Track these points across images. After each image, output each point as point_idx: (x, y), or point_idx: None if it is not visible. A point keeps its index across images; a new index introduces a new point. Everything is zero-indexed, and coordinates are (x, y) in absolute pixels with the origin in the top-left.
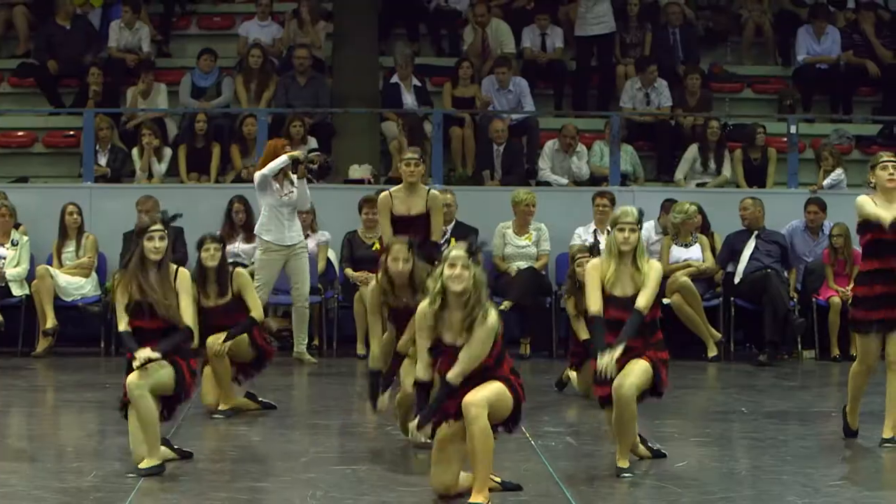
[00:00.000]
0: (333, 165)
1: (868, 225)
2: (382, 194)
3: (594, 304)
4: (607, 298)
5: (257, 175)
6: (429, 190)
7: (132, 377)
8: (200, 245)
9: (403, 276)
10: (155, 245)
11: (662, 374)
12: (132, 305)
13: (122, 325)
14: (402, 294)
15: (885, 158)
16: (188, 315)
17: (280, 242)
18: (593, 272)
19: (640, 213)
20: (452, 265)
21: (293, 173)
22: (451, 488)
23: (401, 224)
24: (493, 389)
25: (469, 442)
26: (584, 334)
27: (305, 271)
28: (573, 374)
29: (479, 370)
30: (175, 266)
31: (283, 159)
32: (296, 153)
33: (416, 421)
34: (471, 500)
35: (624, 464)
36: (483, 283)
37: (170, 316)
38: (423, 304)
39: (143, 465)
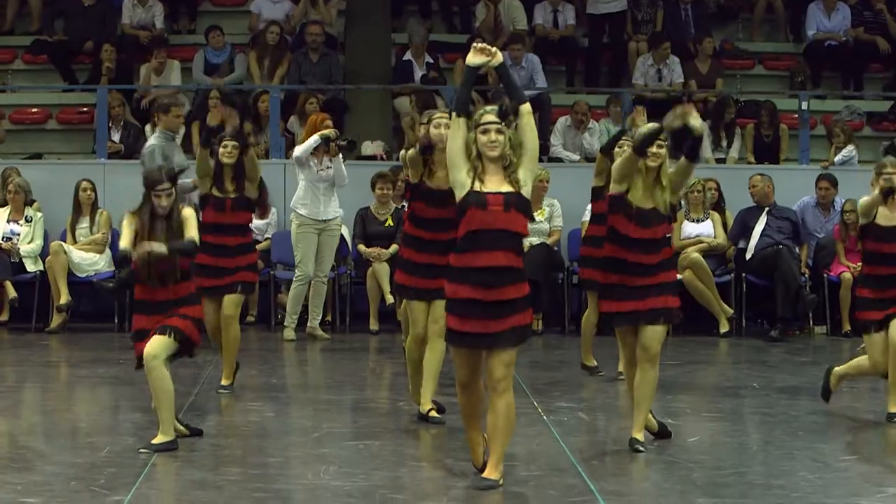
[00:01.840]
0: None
1: (868, 230)
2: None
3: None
4: (630, 213)
5: (293, 155)
6: None
7: (149, 348)
8: (219, 141)
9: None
10: (161, 204)
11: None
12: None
13: (125, 243)
14: (440, 170)
15: (889, 169)
16: (193, 232)
17: (315, 217)
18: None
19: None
20: (486, 131)
21: (325, 152)
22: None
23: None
24: (512, 356)
25: (492, 415)
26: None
27: (333, 248)
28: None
29: (512, 235)
30: (181, 209)
31: (314, 139)
32: (327, 132)
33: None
34: (485, 475)
35: (639, 435)
36: (518, 143)
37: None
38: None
39: (155, 441)
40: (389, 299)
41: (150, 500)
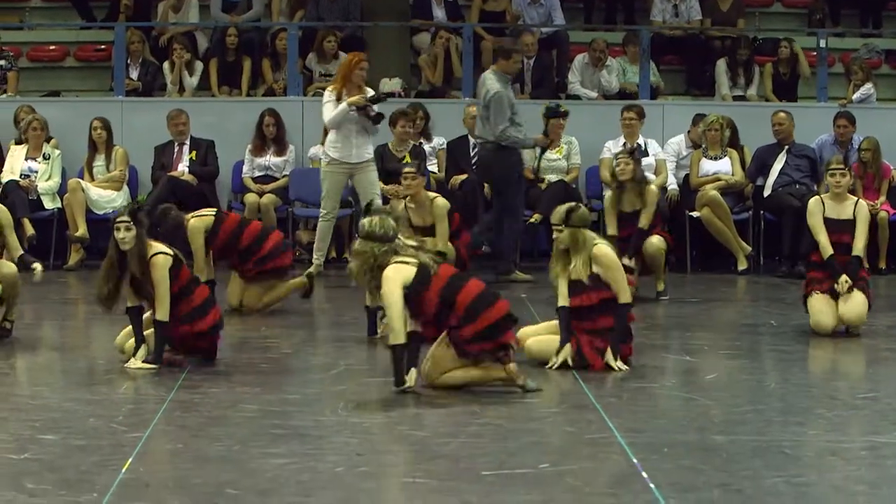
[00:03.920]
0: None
1: None
2: (400, 206)
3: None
4: None
5: (325, 122)
6: (433, 199)
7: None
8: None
9: None
10: (120, 235)
11: None
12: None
13: (130, 301)
14: None
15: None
16: (161, 306)
17: (346, 160)
18: None
19: None
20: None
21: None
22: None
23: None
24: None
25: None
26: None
27: (373, 183)
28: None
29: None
30: (154, 251)
31: (342, 108)
32: (355, 99)
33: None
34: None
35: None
36: (363, 254)
37: (146, 296)
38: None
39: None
40: None
41: (168, 436)
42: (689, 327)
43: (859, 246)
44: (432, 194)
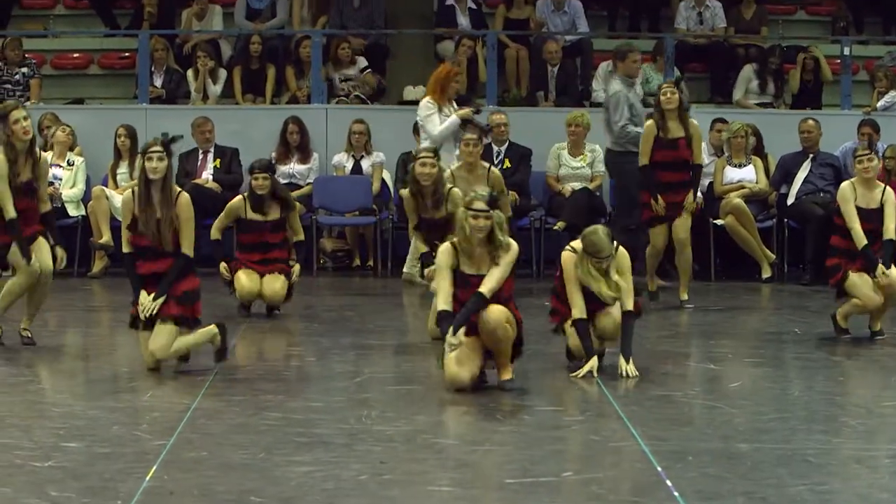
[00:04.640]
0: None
1: None
2: (446, 173)
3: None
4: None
5: (433, 136)
6: (489, 168)
7: (152, 349)
8: (250, 172)
9: (430, 179)
10: (153, 165)
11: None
12: (138, 226)
13: (127, 247)
14: (429, 201)
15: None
16: (187, 242)
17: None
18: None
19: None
20: (476, 217)
21: (462, 129)
22: (464, 385)
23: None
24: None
25: (490, 338)
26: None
27: None
28: None
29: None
30: (178, 190)
31: (454, 121)
32: (465, 112)
33: (449, 333)
34: (502, 378)
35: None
36: (502, 222)
37: (163, 238)
38: (446, 244)
39: None
40: None
41: (192, 444)
42: (712, 335)
43: (891, 228)
44: (486, 164)
